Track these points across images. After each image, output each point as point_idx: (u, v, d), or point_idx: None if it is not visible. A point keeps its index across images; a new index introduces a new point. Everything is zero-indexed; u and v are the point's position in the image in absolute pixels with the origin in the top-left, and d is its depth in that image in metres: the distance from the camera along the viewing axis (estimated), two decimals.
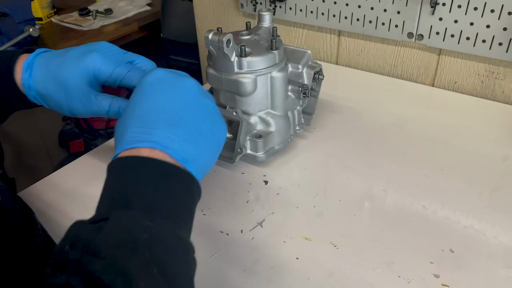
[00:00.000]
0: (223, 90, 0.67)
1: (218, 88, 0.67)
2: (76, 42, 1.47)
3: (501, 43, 0.80)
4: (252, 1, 1.06)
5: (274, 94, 0.67)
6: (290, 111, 0.70)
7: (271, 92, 0.66)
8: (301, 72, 0.71)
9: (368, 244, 0.55)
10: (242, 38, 0.66)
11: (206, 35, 0.60)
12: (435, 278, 0.51)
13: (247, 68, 0.63)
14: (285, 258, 0.54)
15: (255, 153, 0.67)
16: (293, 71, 0.70)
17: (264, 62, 0.64)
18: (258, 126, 0.68)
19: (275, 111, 0.68)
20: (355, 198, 0.63)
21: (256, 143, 0.66)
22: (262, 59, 0.63)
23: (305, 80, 0.71)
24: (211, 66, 0.66)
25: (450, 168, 0.68)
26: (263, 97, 0.66)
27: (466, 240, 0.56)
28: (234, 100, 0.67)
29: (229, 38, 0.59)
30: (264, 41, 0.66)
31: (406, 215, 0.60)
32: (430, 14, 0.85)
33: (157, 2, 1.69)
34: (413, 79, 0.96)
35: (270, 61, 0.64)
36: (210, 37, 0.60)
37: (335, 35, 1.02)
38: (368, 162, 0.70)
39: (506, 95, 0.87)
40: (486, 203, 0.61)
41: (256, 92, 0.65)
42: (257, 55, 0.63)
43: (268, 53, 0.64)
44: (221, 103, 0.68)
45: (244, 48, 0.62)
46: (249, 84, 0.64)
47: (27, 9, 1.39)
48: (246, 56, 0.62)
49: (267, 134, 0.67)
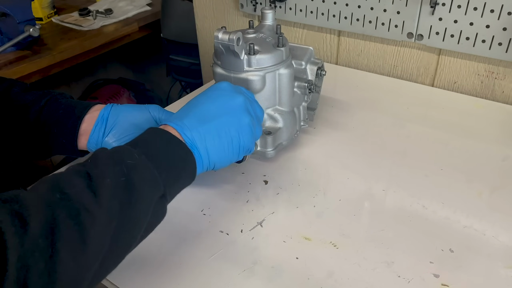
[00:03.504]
0: None
1: None
2: (76, 42, 1.47)
3: (500, 43, 0.80)
4: (252, 1, 1.06)
5: (282, 91, 0.68)
6: (296, 107, 0.71)
7: (279, 88, 0.67)
8: (304, 68, 0.72)
9: (368, 244, 0.56)
10: (248, 37, 0.67)
11: (216, 34, 0.60)
12: (435, 278, 0.51)
13: (256, 65, 0.64)
14: (285, 258, 0.54)
15: (264, 150, 0.67)
16: (297, 67, 0.71)
17: (272, 60, 0.65)
18: (267, 122, 0.68)
19: (282, 108, 0.69)
20: (355, 198, 0.63)
21: (266, 140, 0.67)
22: (270, 57, 0.64)
23: (308, 76, 0.73)
24: (218, 65, 0.66)
25: (450, 168, 0.68)
26: (271, 94, 0.67)
27: (466, 240, 0.56)
28: None
29: (239, 37, 0.60)
30: (270, 39, 0.67)
31: (406, 215, 0.60)
32: (430, 14, 0.85)
33: (157, 2, 1.69)
34: (413, 79, 0.96)
35: (277, 58, 0.65)
36: (220, 36, 0.60)
37: (335, 35, 1.02)
38: (368, 162, 0.70)
39: (506, 95, 0.87)
40: (486, 203, 0.61)
41: (265, 89, 0.66)
42: (266, 53, 0.64)
43: (276, 50, 0.65)
44: None
45: (253, 46, 0.63)
46: (258, 81, 0.65)
47: (27, 9, 1.39)
48: (255, 54, 0.63)
49: (275, 130, 0.68)
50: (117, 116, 0.62)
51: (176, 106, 0.90)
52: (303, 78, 0.72)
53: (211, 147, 0.52)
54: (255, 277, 0.52)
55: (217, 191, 0.65)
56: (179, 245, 0.56)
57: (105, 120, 0.61)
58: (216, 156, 0.53)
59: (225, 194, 0.65)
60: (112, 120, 0.61)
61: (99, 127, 0.61)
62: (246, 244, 0.56)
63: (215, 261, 0.54)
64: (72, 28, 1.58)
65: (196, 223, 0.60)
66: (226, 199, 0.64)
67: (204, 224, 0.59)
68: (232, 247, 0.56)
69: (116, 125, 0.61)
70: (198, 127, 0.52)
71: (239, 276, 0.52)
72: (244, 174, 0.69)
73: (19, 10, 1.36)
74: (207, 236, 0.57)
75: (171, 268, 0.53)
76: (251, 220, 0.60)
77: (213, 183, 0.67)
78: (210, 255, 0.55)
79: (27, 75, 1.34)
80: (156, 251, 0.55)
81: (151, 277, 0.52)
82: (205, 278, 0.52)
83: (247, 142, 0.55)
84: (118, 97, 1.97)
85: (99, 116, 0.62)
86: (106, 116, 0.62)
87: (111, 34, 1.56)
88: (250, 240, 0.57)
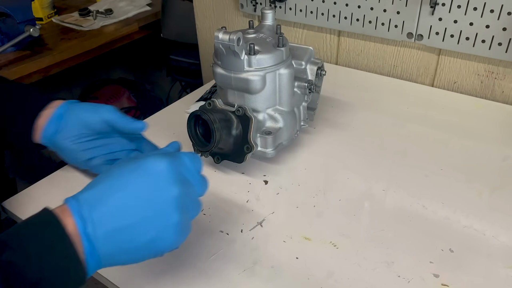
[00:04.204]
0: (231, 88, 0.67)
1: (227, 87, 0.67)
2: (76, 42, 1.47)
3: (500, 43, 0.80)
4: (252, 1, 1.06)
5: (282, 91, 0.67)
6: (296, 107, 0.71)
7: (279, 88, 0.67)
8: (304, 68, 0.72)
9: (368, 244, 0.56)
10: (248, 37, 0.67)
11: (216, 34, 0.60)
12: (435, 278, 0.51)
13: (257, 65, 0.64)
14: (285, 258, 0.54)
15: (264, 150, 0.67)
16: (297, 67, 0.71)
17: (273, 60, 0.64)
18: (267, 122, 0.68)
19: (282, 108, 0.68)
20: (355, 198, 0.63)
21: (266, 140, 0.66)
22: (270, 57, 0.64)
23: (308, 76, 0.73)
24: (219, 65, 0.66)
25: (450, 168, 0.68)
26: (271, 94, 0.67)
27: (466, 240, 0.56)
28: (243, 98, 0.67)
29: (239, 37, 0.60)
30: (270, 39, 0.67)
31: (406, 215, 0.60)
32: (429, 14, 0.85)
33: (157, 2, 1.68)
34: (412, 79, 0.96)
35: (278, 58, 0.65)
36: (220, 36, 0.60)
37: (335, 35, 1.02)
38: (368, 162, 0.70)
39: (506, 95, 0.87)
40: (486, 203, 0.61)
41: (265, 89, 0.66)
42: (266, 53, 0.64)
43: (276, 50, 0.65)
44: (228, 102, 0.68)
45: (253, 46, 0.63)
46: (259, 81, 0.64)
47: (27, 9, 1.39)
48: (255, 54, 0.63)
49: (276, 130, 0.67)
50: (70, 115, 0.63)
51: (176, 106, 0.90)
52: (303, 78, 0.72)
53: (117, 253, 0.40)
54: (255, 277, 0.52)
55: (217, 190, 0.65)
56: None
57: (58, 118, 0.62)
58: (122, 260, 0.42)
59: (225, 194, 0.65)
60: (65, 119, 0.63)
61: (52, 124, 0.62)
62: (246, 244, 0.56)
63: (215, 261, 0.54)
64: (72, 28, 1.58)
65: (196, 223, 0.60)
66: (226, 199, 0.64)
67: (204, 224, 0.59)
68: (232, 247, 0.56)
69: (68, 124, 0.62)
70: (107, 223, 0.39)
71: (239, 276, 0.52)
72: (244, 174, 0.69)
73: (19, 10, 1.36)
74: (207, 236, 0.57)
75: (171, 268, 0.53)
76: (251, 220, 0.60)
77: (213, 183, 0.66)
78: (210, 255, 0.55)
79: (27, 75, 1.33)
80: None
81: (151, 277, 0.52)
82: (205, 278, 0.52)
83: (169, 245, 0.43)
84: (118, 97, 1.97)
85: (54, 113, 0.63)
86: (59, 114, 0.63)
87: (111, 34, 1.56)
88: (250, 240, 0.57)
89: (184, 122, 0.65)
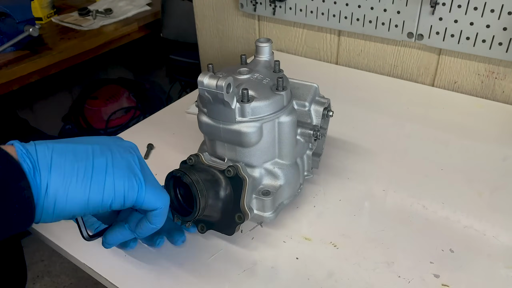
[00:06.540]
0: (221, 140, 0.56)
1: (215, 138, 0.56)
2: (75, 42, 1.47)
3: (501, 43, 0.80)
4: (252, 1, 1.06)
5: (282, 141, 0.56)
6: (299, 157, 0.61)
7: (279, 139, 0.56)
8: (308, 110, 0.60)
9: (368, 244, 0.55)
10: (241, 78, 0.56)
11: (200, 79, 0.49)
12: (435, 278, 0.51)
13: (251, 115, 0.53)
14: (285, 258, 0.54)
15: (262, 213, 0.56)
16: (299, 109, 0.60)
17: (271, 107, 0.53)
18: (265, 179, 0.57)
19: (283, 160, 0.58)
20: (355, 198, 0.63)
21: (264, 202, 0.55)
22: (268, 104, 0.53)
23: (313, 119, 0.61)
24: (204, 114, 0.55)
25: (450, 168, 0.68)
26: (269, 146, 0.56)
27: (466, 240, 0.56)
28: (235, 152, 0.56)
29: (229, 83, 0.49)
30: (267, 80, 0.56)
31: (406, 215, 0.60)
32: (430, 14, 0.85)
33: (157, 2, 1.68)
34: (413, 79, 0.96)
35: (277, 105, 0.54)
36: (205, 82, 0.49)
37: (335, 35, 1.02)
38: (368, 161, 0.70)
39: (506, 95, 0.87)
40: (486, 203, 0.61)
41: (262, 141, 0.55)
42: (262, 99, 0.53)
43: (275, 95, 0.54)
44: (218, 155, 0.57)
45: (247, 92, 0.52)
46: (254, 133, 0.53)
47: (27, 9, 1.39)
48: (250, 102, 0.52)
49: (275, 189, 0.56)
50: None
51: (176, 106, 0.90)
52: (307, 123, 0.60)
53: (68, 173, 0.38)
54: (255, 277, 0.52)
55: None
56: (179, 245, 0.56)
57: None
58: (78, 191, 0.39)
59: None
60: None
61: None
62: (246, 244, 0.56)
63: (215, 261, 0.54)
64: (72, 28, 1.57)
65: None
66: None
67: None
68: (232, 247, 0.56)
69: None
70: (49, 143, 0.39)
71: (239, 276, 0.52)
72: None
73: (19, 10, 1.36)
74: (207, 236, 0.57)
75: (171, 268, 0.53)
76: (251, 220, 0.60)
77: None
78: (210, 255, 0.55)
79: (26, 75, 1.34)
80: (156, 251, 0.55)
81: (151, 277, 0.52)
82: (205, 278, 0.52)
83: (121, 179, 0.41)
84: (117, 97, 1.97)
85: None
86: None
87: (110, 34, 1.56)
88: (250, 240, 0.57)
89: (184, 122, 0.65)
